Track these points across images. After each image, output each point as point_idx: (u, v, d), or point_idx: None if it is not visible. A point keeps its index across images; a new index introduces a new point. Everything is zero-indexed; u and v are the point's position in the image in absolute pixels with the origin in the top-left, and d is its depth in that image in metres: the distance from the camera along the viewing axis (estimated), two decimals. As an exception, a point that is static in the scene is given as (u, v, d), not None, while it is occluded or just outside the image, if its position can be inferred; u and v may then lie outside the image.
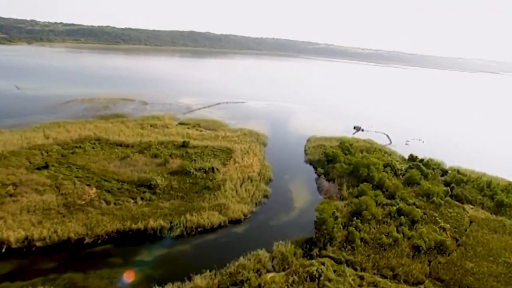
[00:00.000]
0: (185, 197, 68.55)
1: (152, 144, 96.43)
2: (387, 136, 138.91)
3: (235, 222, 62.48)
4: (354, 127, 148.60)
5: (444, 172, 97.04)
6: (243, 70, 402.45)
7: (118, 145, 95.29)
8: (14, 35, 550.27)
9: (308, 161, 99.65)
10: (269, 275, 48.73)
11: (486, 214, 72.93)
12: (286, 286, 46.06)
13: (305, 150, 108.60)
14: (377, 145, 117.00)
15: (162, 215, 60.60)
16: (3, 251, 49.23)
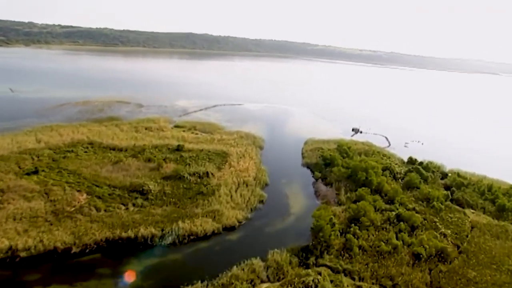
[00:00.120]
0: (178, 203, 66.59)
1: (146, 148, 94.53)
2: (386, 138, 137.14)
3: (229, 229, 60.53)
4: (353, 129, 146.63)
5: (444, 175, 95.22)
6: (242, 72, 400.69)
7: (112, 149, 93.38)
8: (12, 37, 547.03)
9: (306, 165, 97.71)
10: (263, 286, 46.86)
11: (488, 219, 71.05)
12: (281, 298, 44.25)
13: (303, 153, 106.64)
14: (376, 148, 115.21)
15: (154, 223, 58.71)
16: (-15, 262, 47.20)
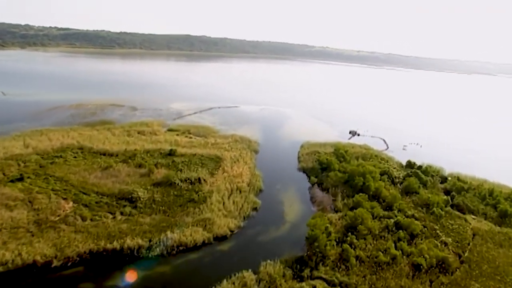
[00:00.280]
0: (168, 211, 63.93)
1: (138, 153, 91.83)
2: (384, 141, 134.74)
3: (221, 239, 57.90)
4: (350, 132, 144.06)
5: (444, 179, 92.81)
6: (239, 74, 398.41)
7: (102, 154, 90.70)
8: (8, 40, 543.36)
9: (302, 169, 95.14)
10: (255, 302, 44.22)
11: (490, 226, 68.61)
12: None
13: (299, 157, 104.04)
14: (374, 151, 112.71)
15: (141, 233, 56.07)
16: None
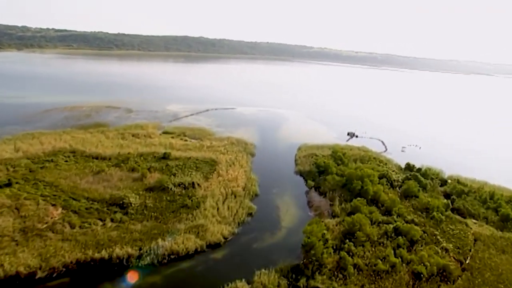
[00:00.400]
0: (160, 218, 61.94)
1: (131, 157, 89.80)
2: (382, 143, 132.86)
3: (214, 247, 55.91)
4: (348, 134, 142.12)
5: (444, 182, 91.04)
6: (237, 75, 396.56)
7: (94, 158, 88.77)
8: (4, 42, 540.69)
9: (299, 172, 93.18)
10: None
11: (491, 230, 66.76)
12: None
13: (296, 160, 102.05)
14: (372, 153, 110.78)
15: (132, 241, 54.11)
16: None
